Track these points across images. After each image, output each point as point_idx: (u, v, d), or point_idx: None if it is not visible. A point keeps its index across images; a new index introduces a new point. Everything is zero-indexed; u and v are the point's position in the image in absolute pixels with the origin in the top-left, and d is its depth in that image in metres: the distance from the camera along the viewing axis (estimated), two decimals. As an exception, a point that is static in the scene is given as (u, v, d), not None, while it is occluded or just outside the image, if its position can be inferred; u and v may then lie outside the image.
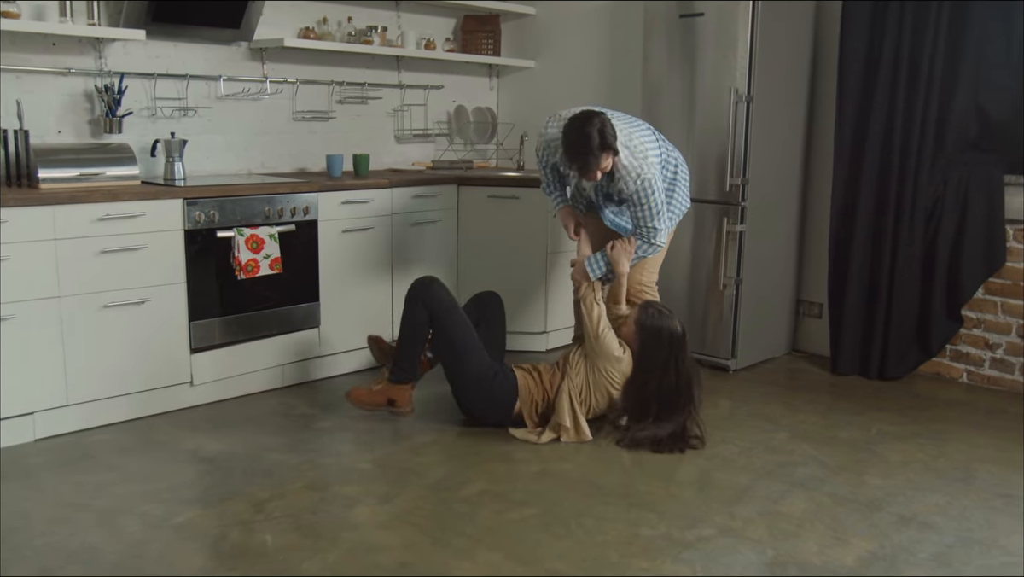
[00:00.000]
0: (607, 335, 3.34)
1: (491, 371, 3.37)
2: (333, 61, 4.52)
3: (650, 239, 3.45)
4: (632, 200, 3.39)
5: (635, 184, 3.33)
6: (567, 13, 4.98)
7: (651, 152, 3.38)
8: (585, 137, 3.18)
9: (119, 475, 3.01)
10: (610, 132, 3.21)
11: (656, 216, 3.40)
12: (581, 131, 3.20)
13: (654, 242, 3.46)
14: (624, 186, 3.36)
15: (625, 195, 3.40)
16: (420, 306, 3.38)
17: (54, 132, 3.66)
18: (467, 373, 3.35)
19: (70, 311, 3.25)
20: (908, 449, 3.36)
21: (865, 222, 4.16)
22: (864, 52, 4.09)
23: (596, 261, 3.49)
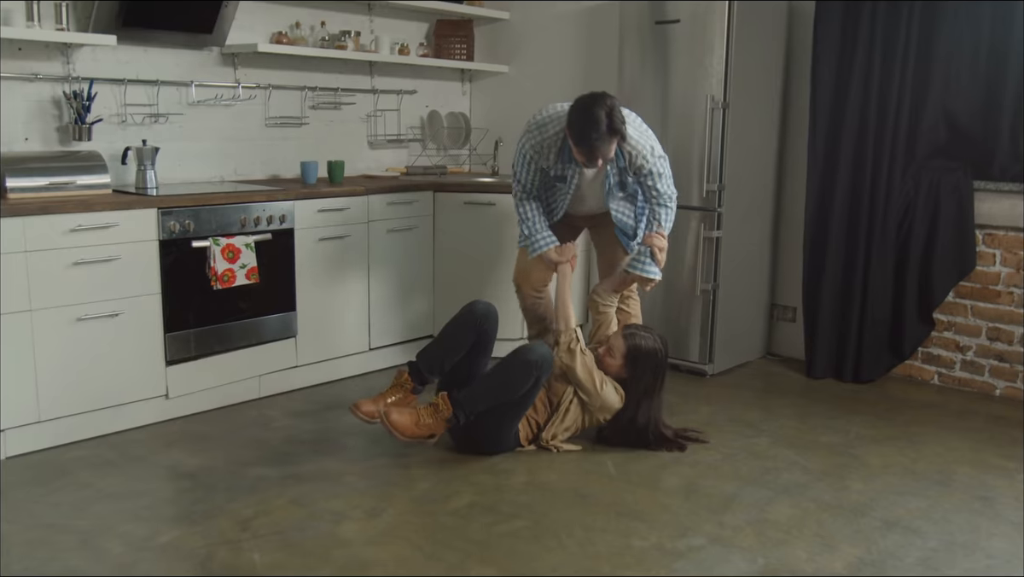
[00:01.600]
0: (607, 388, 3.27)
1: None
2: (306, 66, 4.46)
3: (669, 204, 3.48)
4: (652, 174, 3.38)
5: (651, 156, 3.35)
6: (541, 18, 4.98)
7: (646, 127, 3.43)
8: (594, 121, 3.08)
9: (97, 493, 2.93)
10: (618, 115, 3.14)
11: (671, 179, 3.46)
12: (589, 113, 3.10)
13: (672, 206, 3.49)
14: (644, 163, 3.35)
15: (644, 172, 3.37)
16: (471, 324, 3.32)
17: (21, 140, 3.56)
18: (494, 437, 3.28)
19: (41, 325, 3.16)
20: (887, 452, 3.41)
21: (838, 227, 4.21)
22: (836, 58, 4.14)
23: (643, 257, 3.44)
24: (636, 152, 3.36)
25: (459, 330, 3.34)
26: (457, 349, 3.32)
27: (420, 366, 3.33)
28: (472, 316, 3.33)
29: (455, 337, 3.34)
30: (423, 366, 3.33)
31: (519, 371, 3.11)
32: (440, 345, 3.37)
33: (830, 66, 4.15)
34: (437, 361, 3.33)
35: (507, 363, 3.17)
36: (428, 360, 3.34)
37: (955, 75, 3.96)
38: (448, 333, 3.37)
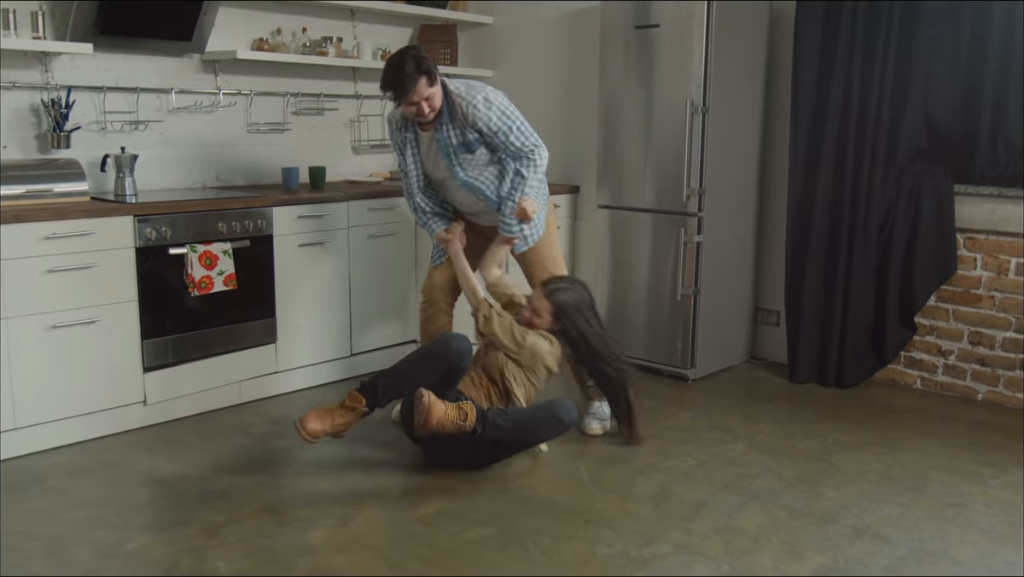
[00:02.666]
0: (530, 338, 3.23)
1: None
2: (288, 72, 4.47)
3: (536, 158, 3.40)
4: (501, 129, 3.32)
5: (489, 110, 3.30)
6: (525, 22, 4.98)
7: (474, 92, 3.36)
8: (400, 64, 3.16)
9: (69, 500, 2.95)
10: (429, 61, 3.20)
11: (530, 133, 3.38)
12: (396, 58, 3.20)
13: (541, 161, 3.41)
14: (477, 113, 3.30)
15: (489, 128, 3.31)
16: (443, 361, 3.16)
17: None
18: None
19: (16, 332, 3.18)
20: (863, 458, 3.40)
21: (820, 231, 4.21)
22: (817, 59, 4.13)
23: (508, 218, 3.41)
24: (467, 103, 3.31)
25: (431, 364, 3.15)
26: (424, 381, 3.06)
27: (379, 392, 3.13)
28: (448, 354, 3.14)
29: (425, 370, 3.14)
30: (383, 393, 3.14)
31: (547, 425, 3.14)
32: (407, 376, 3.14)
33: (811, 67, 4.14)
34: (398, 390, 3.17)
35: (538, 413, 3.14)
36: (390, 389, 3.14)
37: (935, 76, 3.95)
38: (418, 365, 3.17)
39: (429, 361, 3.17)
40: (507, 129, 3.35)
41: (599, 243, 4.56)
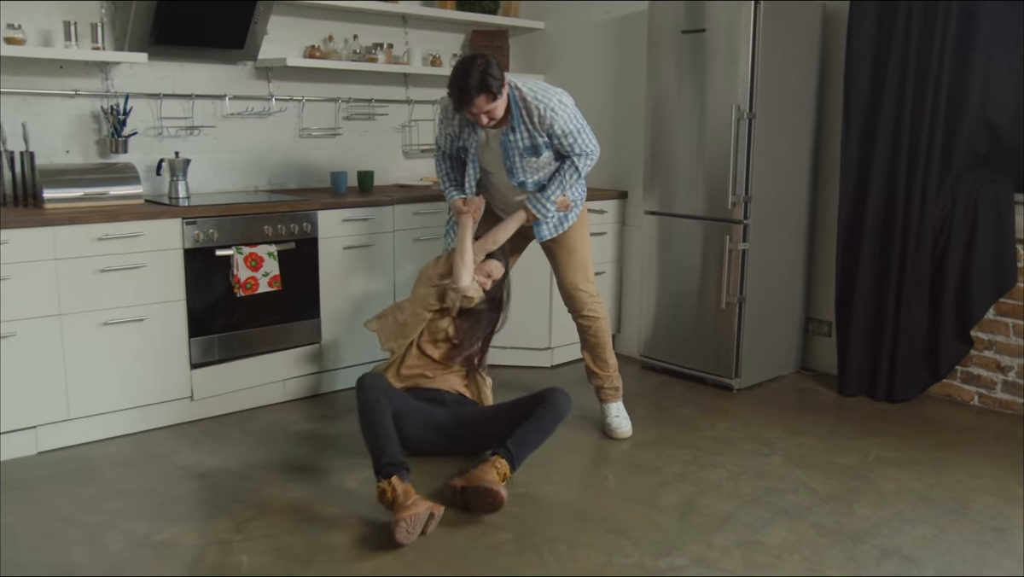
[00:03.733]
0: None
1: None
2: (340, 78, 4.58)
3: (593, 158, 3.46)
4: (571, 131, 3.34)
5: (565, 112, 3.31)
6: (576, 27, 4.97)
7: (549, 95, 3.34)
8: (463, 76, 3.14)
9: (113, 489, 3.09)
10: (494, 74, 3.15)
11: (592, 134, 3.43)
12: (462, 69, 3.17)
13: (594, 160, 3.47)
14: (553, 115, 3.29)
15: (563, 130, 3.32)
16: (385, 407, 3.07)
17: (62, 153, 3.77)
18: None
19: (71, 328, 3.34)
20: (905, 477, 3.29)
21: (871, 240, 4.08)
22: (871, 62, 4.01)
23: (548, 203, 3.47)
24: (544, 106, 3.30)
25: (385, 416, 3.02)
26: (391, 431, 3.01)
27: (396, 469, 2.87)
28: (384, 399, 3.06)
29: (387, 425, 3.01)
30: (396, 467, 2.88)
31: (552, 426, 3.22)
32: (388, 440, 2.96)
33: (864, 70, 4.02)
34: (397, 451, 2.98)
35: (541, 419, 3.18)
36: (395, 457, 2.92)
37: (995, 80, 3.79)
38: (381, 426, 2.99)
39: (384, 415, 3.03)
40: (577, 131, 3.37)
41: (646, 249, 4.53)
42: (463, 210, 3.46)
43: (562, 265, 3.67)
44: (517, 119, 3.32)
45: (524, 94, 3.31)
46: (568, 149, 3.40)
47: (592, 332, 3.72)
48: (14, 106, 3.63)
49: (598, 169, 4.39)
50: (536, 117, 3.31)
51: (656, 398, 4.20)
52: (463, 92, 3.16)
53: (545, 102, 3.30)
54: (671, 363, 4.49)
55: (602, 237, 4.70)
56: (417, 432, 3.23)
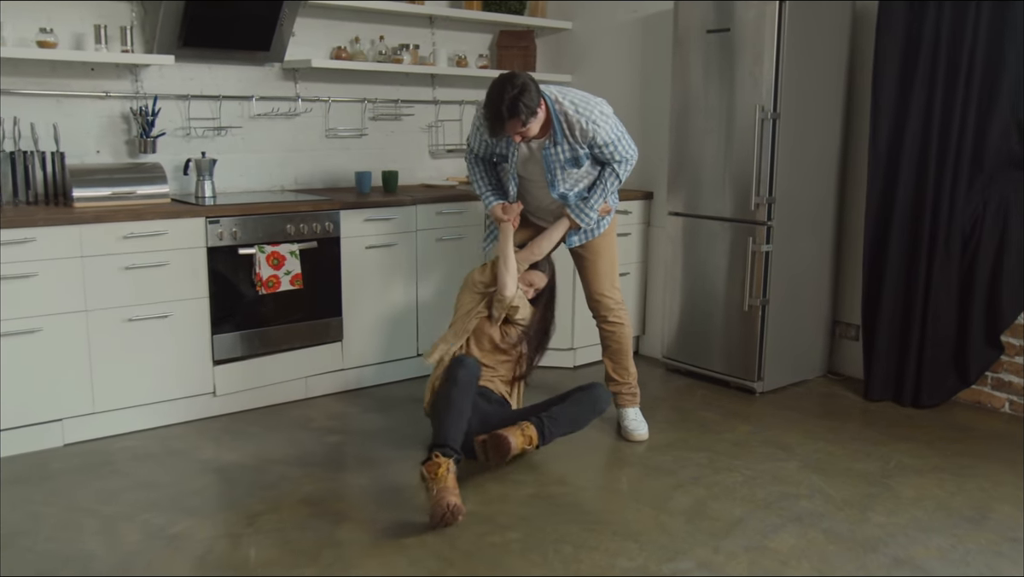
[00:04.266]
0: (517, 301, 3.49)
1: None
2: (367, 79, 4.62)
3: (632, 164, 3.47)
4: (612, 141, 3.34)
5: (606, 123, 3.31)
6: (604, 27, 4.95)
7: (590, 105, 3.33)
8: (497, 98, 3.12)
9: (132, 482, 3.16)
10: (526, 101, 3.11)
11: (630, 139, 3.43)
12: (496, 91, 3.14)
13: (632, 165, 3.48)
14: (595, 128, 3.29)
15: (604, 141, 3.31)
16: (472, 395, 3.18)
17: (93, 153, 3.87)
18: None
19: (96, 324, 3.43)
20: (925, 484, 3.23)
21: (898, 242, 4.00)
22: (899, 62, 3.93)
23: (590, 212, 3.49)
24: (585, 119, 3.28)
25: (467, 401, 3.13)
26: (469, 413, 3.14)
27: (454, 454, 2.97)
28: (473, 385, 3.18)
29: (465, 409, 3.11)
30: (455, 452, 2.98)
31: (589, 416, 3.35)
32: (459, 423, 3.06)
33: (892, 70, 3.95)
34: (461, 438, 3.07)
35: (579, 403, 3.31)
36: (457, 443, 3.01)
37: (1028, 81, 3.70)
38: (461, 407, 3.09)
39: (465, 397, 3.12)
40: (617, 139, 3.36)
41: (670, 250, 4.50)
42: (503, 218, 3.48)
43: (590, 271, 3.66)
44: (559, 134, 3.32)
45: (565, 108, 3.29)
46: (609, 157, 3.40)
47: (615, 338, 3.71)
48: (48, 108, 3.73)
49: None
50: (578, 131, 3.31)
51: (677, 401, 4.17)
52: (495, 117, 3.17)
53: (587, 115, 3.30)
54: (695, 365, 4.45)
55: (627, 238, 4.68)
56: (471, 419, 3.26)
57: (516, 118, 3.14)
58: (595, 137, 3.31)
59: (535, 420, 3.19)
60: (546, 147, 3.35)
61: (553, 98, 3.29)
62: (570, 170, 3.41)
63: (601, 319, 3.70)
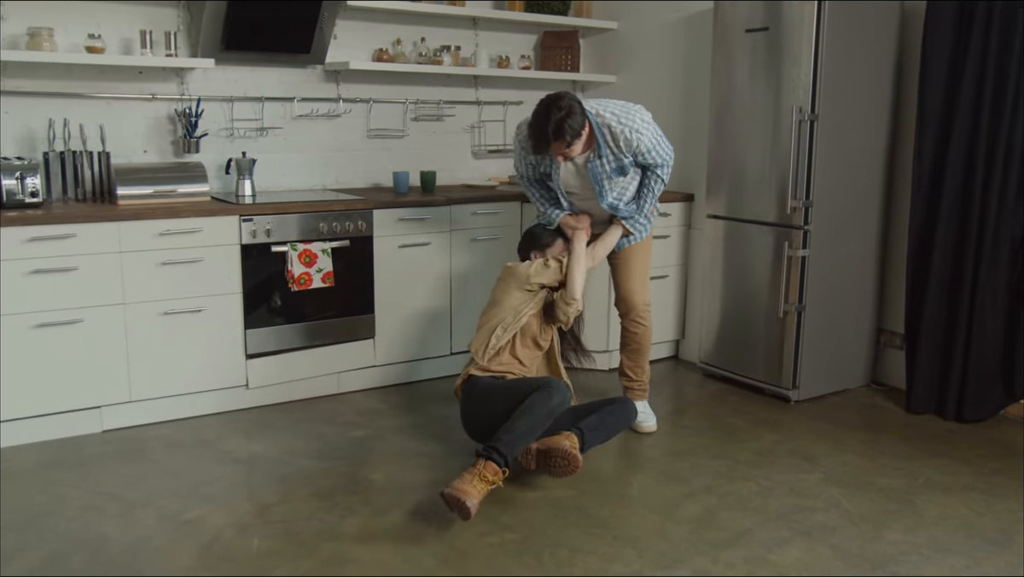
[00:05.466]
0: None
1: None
2: (409, 80, 4.69)
3: (671, 163, 3.52)
4: (653, 147, 3.40)
5: (648, 131, 3.36)
6: (648, 27, 4.88)
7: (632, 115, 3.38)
8: (542, 122, 3.17)
9: (157, 469, 3.30)
10: (571, 124, 3.16)
11: (668, 143, 3.48)
12: (541, 116, 3.19)
13: (672, 162, 3.53)
14: (641, 141, 3.35)
15: (647, 147, 3.37)
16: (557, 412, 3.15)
17: (141, 152, 4.05)
18: None
19: (134, 316, 3.58)
20: (952, 503, 3.09)
21: (944, 249, 3.84)
22: (947, 66, 3.77)
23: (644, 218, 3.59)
24: (629, 129, 3.33)
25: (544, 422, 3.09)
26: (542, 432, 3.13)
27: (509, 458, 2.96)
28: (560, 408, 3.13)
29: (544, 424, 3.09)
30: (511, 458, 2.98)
31: (622, 426, 3.41)
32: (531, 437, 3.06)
33: (940, 72, 3.78)
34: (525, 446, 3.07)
35: (612, 415, 3.33)
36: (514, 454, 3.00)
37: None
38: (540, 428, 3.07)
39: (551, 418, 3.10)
40: (656, 145, 3.42)
41: (707, 253, 4.42)
42: (577, 226, 3.54)
43: (624, 271, 3.71)
44: (603, 147, 3.37)
45: (607, 120, 3.34)
46: (652, 162, 3.46)
47: (637, 339, 3.76)
48: (99, 109, 3.92)
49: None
50: (623, 141, 3.36)
51: (708, 407, 4.09)
52: (540, 139, 3.24)
53: (629, 124, 3.34)
54: (731, 372, 4.36)
55: (666, 241, 4.62)
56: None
57: (561, 140, 3.21)
58: (639, 145, 3.36)
59: (576, 431, 3.19)
60: (591, 161, 3.41)
61: (594, 112, 3.34)
62: (616, 179, 3.47)
63: (627, 318, 3.74)
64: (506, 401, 3.17)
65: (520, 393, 3.16)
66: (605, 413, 3.32)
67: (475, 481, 2.86)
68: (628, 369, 3.83)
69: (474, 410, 3.32)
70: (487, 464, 2.91)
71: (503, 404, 3.17)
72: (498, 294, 3.52)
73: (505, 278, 3.53)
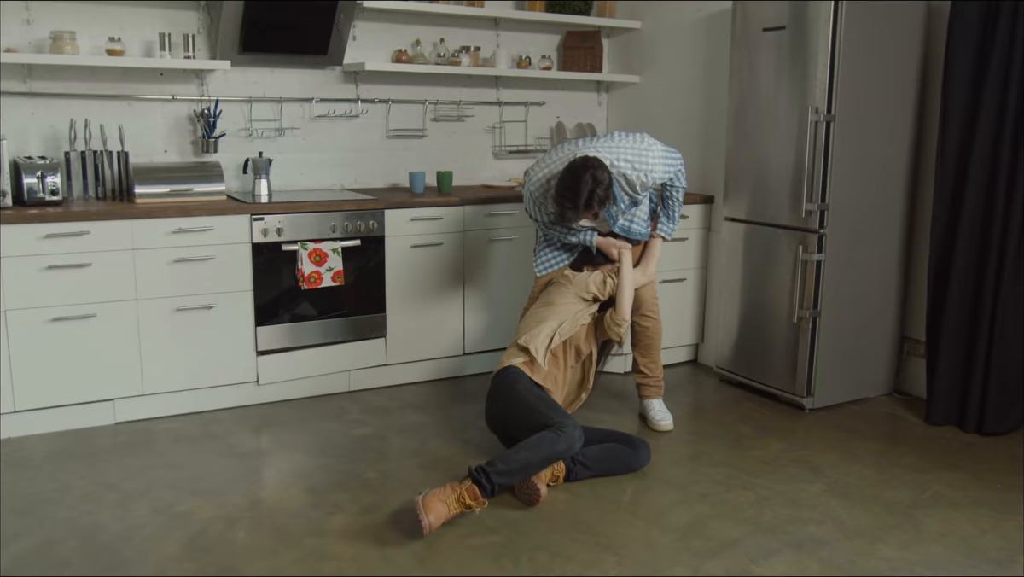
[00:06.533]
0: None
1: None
2: (430, 81, 4.71)
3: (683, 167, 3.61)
4: (668, 173, 3.53)
5: (659, 164, 3.47)
6: (672, 27, 4.81)
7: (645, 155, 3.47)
8: (574, 195, 3.24)
9: (161, 461, 3.38)
10: (600, 194, 3.25)
11: (676, 155, 3.57)
12: (573, 183, 3.25)
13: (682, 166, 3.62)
14: (656, 177, 3.49)
15: (661, 177, 3.51)
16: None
17: (161, 152, 4.15)
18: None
19: (146, 312, 3.68)
20: (956, 519, 2.97)
21: (966, 255, 3.70)
22: (971, 67, 3.63)
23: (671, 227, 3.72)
24: (644, 172, 3.45)
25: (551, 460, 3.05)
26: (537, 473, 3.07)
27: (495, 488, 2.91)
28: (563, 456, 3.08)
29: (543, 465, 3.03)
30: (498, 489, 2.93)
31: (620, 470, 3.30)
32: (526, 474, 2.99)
33: (964, 73, 3.65)
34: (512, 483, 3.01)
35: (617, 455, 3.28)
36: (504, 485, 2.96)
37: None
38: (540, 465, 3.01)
39: (551, 462, 3.07)
40: (667, 165, 3.52)
41: (724, 257, 4.34)
42: (620, 246, 3.59)
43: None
44: (619, 197, 3.48)
45: (623, 169, 3.44)
46: (668, 181, 3.59)
47: (648, 334, 3.82)
48: (121, 110, 4.04)
49: (685, 173, 4.26)
50: (639, 185, 3.47)
51: (719, 413, 4.02)
52: (572, 209, 3.28)
53: (643, 168, 3.46)
54: (747, 377, 4.28)
55: (684, 243, 4.55)
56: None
57: (591, 210, 3.30)
58: (654, 181, 3.50)
59: (568, 462, 3.19)
60: (608, 207, 3.49)
61: (609, 163, 3.39)
62: (630, 211, 3.60)
63: (637, 313, 3.78)
64: (524, 420, 3.18)
65: (537, 420, 3.13)
66: (610, 450, 3.28)
67: (451, 501, 2.82)
68: (643, 366, 3.87)
69: (498, 408, 3.33)
70: (471, 487, 2.87)
71: (522, 421, 3.19)
72: (554, 296, 3.56)
73: (563, 283, 3.59)
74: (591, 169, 3.24)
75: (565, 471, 3.19)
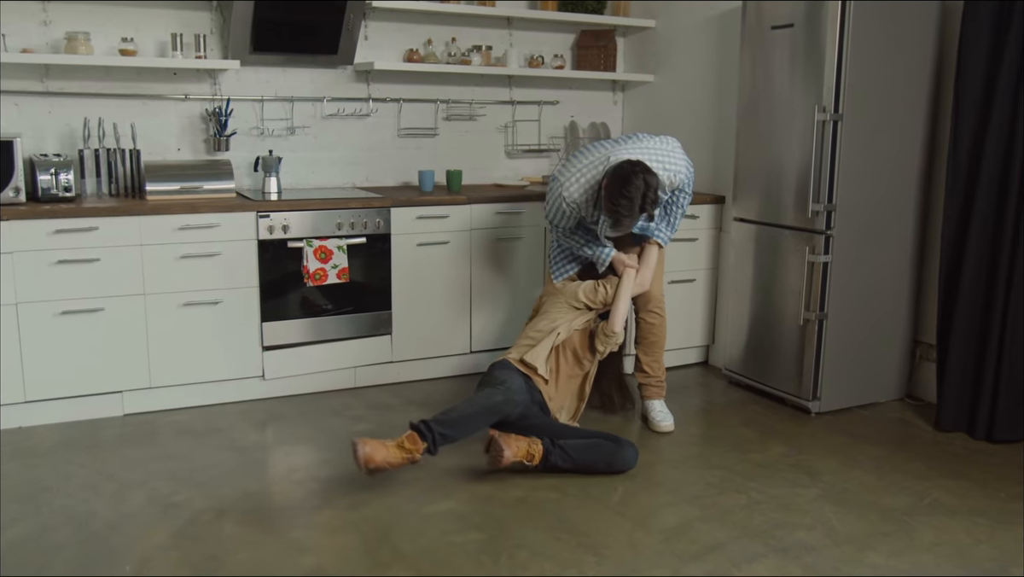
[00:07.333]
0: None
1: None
2: (441, 80, 4.74)
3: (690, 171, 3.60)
4: (688, 178, 3.57)
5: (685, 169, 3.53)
6: (686, 25, 4.77)
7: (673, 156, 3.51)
8: (630, 204, 3.25)
9: (162, 453, 3.44)
10: (651, 197, 3.27)
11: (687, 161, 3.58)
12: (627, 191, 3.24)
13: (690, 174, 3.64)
14: (683, 181, 3.54)
15: (679, 182, 3.54)
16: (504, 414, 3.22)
17: (174, 150, 4.23)
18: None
19: (153, 307, 3.75)
20: (952, 528, 2.90)
21: (976, 258, 3.61)
22: (984, 67, 3.54)
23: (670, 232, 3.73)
24: (674, 173, 3.48)
25: (492, 416, 3.18)
26: (480, 431, 3.21)
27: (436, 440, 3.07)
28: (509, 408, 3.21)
29: (484, 421, 3.18)
30: (439, 441, 3.08)
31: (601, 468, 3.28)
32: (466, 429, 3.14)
33: (977, 74, 3.56)
34: (455, 439, 3.14)
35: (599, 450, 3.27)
36: (446, 438, 3.10)
37: None
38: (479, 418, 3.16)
39: (491, 415, 3.18)
40: (688, 172, 3.57)
41: (733, 257, 4.29)
42: (629, 264, 3.61)
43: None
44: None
45: (656, 170, 3.40)
46: (680, 187, 3.61)
47: (653, 331, 3.83)
48: (135, 109, 4.13)
49: (696, 174, 4.23)
50: (667, 185, 3.48)
51: (723, 415, 3.98)
52: (629, 217, 3.30)
53: (673, 168, 3.47)
54: (754, 380, 4.22)
55: (694, 244, 4.51)
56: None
57: (645, 213, 3.33)
58: (680, 182, 3.53)
59: (547, 442, 3.22)
60: None
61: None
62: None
63: (644, 309, 3.81)
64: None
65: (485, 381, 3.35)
66: (593, 444, 3.27)
67: (390, 445, 3.02)
68: (645, 365, 3.86)
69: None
70: (411, 434, 3.05)
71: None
72: (547, 306, 3.62)
73: (554, 293, 3.64)
74: (641, 174, 3.26)
75: (542, 453, 3.18)
